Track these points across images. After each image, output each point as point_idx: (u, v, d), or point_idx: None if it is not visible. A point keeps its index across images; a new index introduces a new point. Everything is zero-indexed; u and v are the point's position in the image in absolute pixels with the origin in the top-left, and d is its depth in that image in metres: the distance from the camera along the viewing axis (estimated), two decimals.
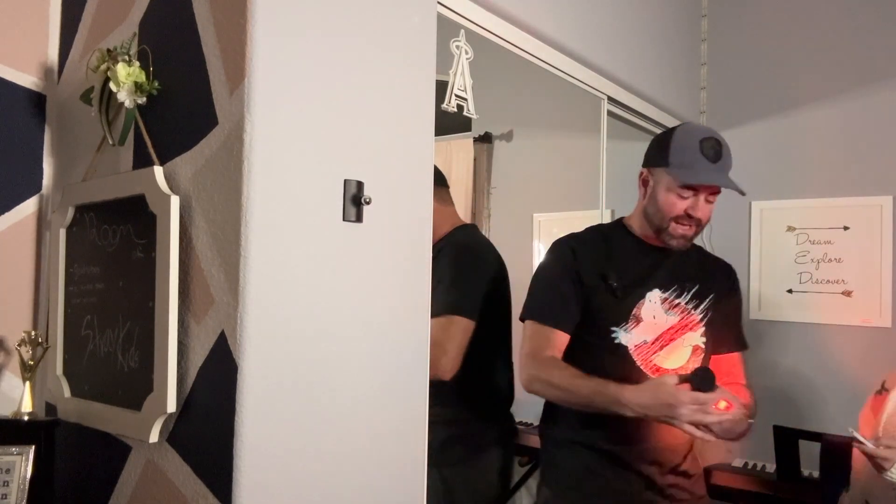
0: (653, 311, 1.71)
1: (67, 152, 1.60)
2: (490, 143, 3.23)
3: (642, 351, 1.69)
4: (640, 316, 1.70)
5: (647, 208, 1.74)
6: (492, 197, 3.24)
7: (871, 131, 2.78)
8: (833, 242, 2.85)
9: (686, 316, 1.72)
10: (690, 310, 1.73)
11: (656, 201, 1.70)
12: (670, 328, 1.70)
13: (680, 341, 1.70)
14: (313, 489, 1.25)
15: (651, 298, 1.71)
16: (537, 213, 3.12)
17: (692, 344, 1.71)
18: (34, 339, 1.46)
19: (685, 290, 1.74)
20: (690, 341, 1.71)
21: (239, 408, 1.14)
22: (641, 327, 1.70)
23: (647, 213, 1.73)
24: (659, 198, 1.70)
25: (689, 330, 1.72)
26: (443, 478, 1.99)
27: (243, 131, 1.16)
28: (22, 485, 1.37)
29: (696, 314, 1.73)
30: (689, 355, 1.70)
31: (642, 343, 1.69)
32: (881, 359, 2.64)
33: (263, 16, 1.17)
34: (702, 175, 1.68)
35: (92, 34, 1.56)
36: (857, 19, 2.84)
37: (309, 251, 1.25)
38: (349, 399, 1.32)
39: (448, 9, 1.69)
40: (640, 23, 2.65)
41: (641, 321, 1.70)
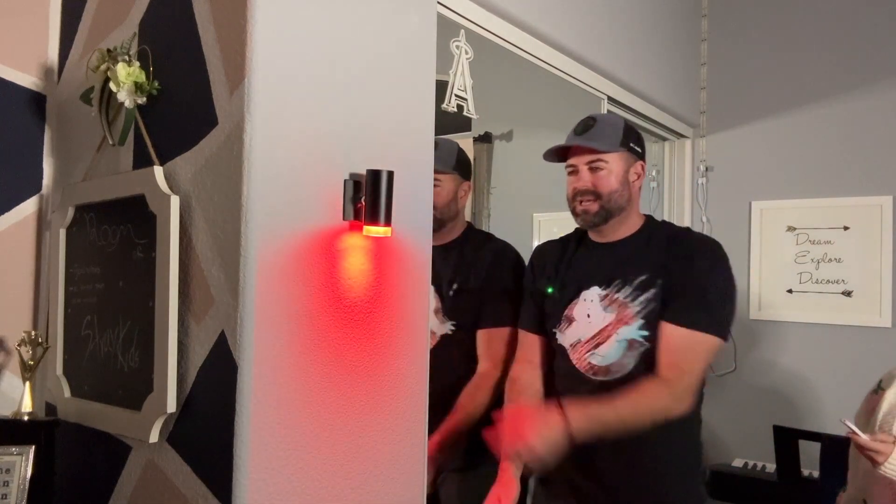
0: (587, 310, 1.72)
1: (67, 152, 1.60)
2: (490, 143, 3.23)
3: (578, 350, 1.72)
4: (571, 316, 1.74)
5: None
6: (492, 197, 3.24)
7: (871, 131, 2.79)
8: (833, 242, 2.86)
9: (622, 310, 1.67)
10: (628, 303, 1.67)
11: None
12: (607, 325, 1.68)
13: (614, 337, 1.67)
14: (313, 489, 1.25)
15: (587, 297, 1.72)
16: (537, 212, 3.12)
17: (627, 338, 1.65)
18: (34, 339, 1.46)
19: (627, 283, 1.68)
20: (625, 335, 1.65)
21: (239, 408, 1.14)
22: (574, 327, 1.73)
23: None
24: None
25: (623, 324, 1.66)
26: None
27: (243, 131, 1.16)
28: (22, 485, 1.37)
29: (633, 307, 1.65)
30: (624, 350, 1.65)
31: (577, 342, 1.72)
32: (881, 359, 2.63)
33: (263, 16, 1.17)
34: (561, 144, 1.76)
35: (92, 34, 1.56)
36: (857, 19, 2.84)
37: (309, 251, 1.25)
38: (349, 398, 1.32)
39: (448, 9, 1.69)
40: (640, 23, 2.66)
41: (574, 321, 1.73)
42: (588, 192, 1.71)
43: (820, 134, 2.89)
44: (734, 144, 3.10)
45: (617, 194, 1.71)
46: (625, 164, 1.73)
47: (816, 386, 2.83)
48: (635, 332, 1.65)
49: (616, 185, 1.71)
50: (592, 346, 1.70)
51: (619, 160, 1.72)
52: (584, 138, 1.71)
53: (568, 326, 1.74)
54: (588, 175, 1.71)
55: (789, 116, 2.96)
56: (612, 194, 1.70)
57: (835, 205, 2.85)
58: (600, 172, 1.70)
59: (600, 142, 1.70)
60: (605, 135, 1.71)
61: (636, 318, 1.66)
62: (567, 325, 1.74)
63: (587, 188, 1.71)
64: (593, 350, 1.70)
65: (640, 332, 1.65)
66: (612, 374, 1.67)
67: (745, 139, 3.07)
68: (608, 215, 1.72)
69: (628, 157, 1.74)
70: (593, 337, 1.70)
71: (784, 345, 2.93)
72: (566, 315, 1.74)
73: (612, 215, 1.72)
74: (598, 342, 1.69)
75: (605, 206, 1.70)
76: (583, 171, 1.72)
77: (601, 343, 1.69)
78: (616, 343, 1.67)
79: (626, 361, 1.66)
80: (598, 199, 1.70)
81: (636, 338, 1.66)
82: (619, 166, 1.72)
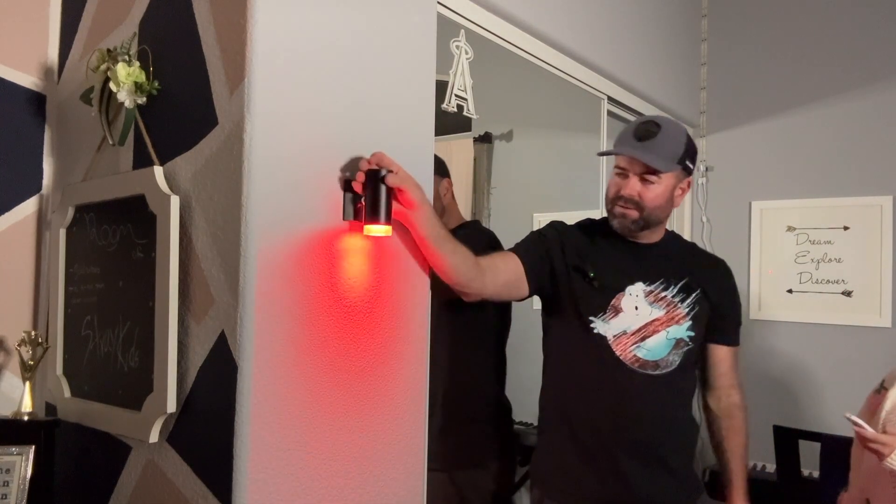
0: (634, 303, 1.70)
1: (67, 152, 1.60)
2: (490, 143, 3.23)
3: (622, 342, 1.69)
4: (619, 307, 1.70)
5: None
6: (492, 197, 3.24)
7: (871, 131, 2.79)
8: (833, 242, 2.86)
9: (672, 309, 1.71)
10: (677, 303, 1.72)
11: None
12: (655, 320, 1.70)
13: (663, 333, 1.69)
14: (313, 489, 1.25)
15: (632, 291, 1.71)
16: (537, 212, 3.12)
17: (676, 337, 1.70)
18: (34, 339, 1.46)
19: (671, 284, 1.73)
20: (675, 334, 1.70)
21: (239, 408, 1.14)
22: (620, 318, 1.70)
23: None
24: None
25: (674, 323, 1.70)
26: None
27: (243, 131, 1.16)
28: (22, 485, 1.37)
29: (683, 308, 1.72)
30: (672, 348, 1.69)
31: (622, 334, 1.69)
32: (881, 359, 2.64)
33: (263, 16, 1.17)
34: (616, 147, 1.71)
35: (92, 34, 1.56)
36: (857, 20, 2.84)
37: (309, 251, 1.25)
38: (349, 398, 1.32)
39: (448, 9, 1.69)
40: (640, 23, 2.66)
41: (621, 312, 1.70)
42: (632, 200, 1.66)
43: (820, 134, 2.89)
44: (734, 144, 3.10)
45: (660, 210, 1.68)
46: (675, 181, 1.68)
47: (816, 386, 2.83)
48: (684, 332, 1.72)
49: (661, 202, 1.67)
50: (639, 339, 1.69)
51: (671, 177, 1.66)
52: (643, 150, 1.64)
53: (614, 316, 1.70)
54: (637, 184, 1.65)
55: (789, 116, 2.96)
56: (656, 209, 1.67)
57: (835, 205, 2.85)
58: (650, 185, 1.64)
59: (659, 157, 1.63)
60: (666, 150, 1.64)
61: (686, 318, 1.72)
62: (613, 315, 1.70)
63: (632, 197, 1.66)
64: (639, 343, 1.69)
65: (688, 333, 1.71)
66: (661, 370, 1.68)
67: (745, 139, 3.07)
68: (645, 226, 1.69)
69: (680, 175, 1.69)
70: (639, 329, 1.69)
71: (784, 345, 2.93)
72: (613, 305, 1.70)
73: (648, 226, 1.70)
74: (645, 335, 1.69)
75: (645, 217, 1.67)
76: (633, 179, 1.65)
77: (648, 337, 1.69)
78: (665, 340, 1.70)
79: (672, 358, 1.69)
80: (640, 210, 1.66)
81: (684, 337, 1.71)
82: (669, 182, 1.67)
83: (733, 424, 1.80)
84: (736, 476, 1.78)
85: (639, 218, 1.67)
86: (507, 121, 3.20)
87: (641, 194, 1.65)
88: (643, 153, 1.63)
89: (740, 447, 1.80)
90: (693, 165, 1.74)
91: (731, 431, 1.80)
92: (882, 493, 1.64)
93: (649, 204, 1.66)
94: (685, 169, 1.70)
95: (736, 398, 1.81)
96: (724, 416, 1.81)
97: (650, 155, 1.63)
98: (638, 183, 1.65)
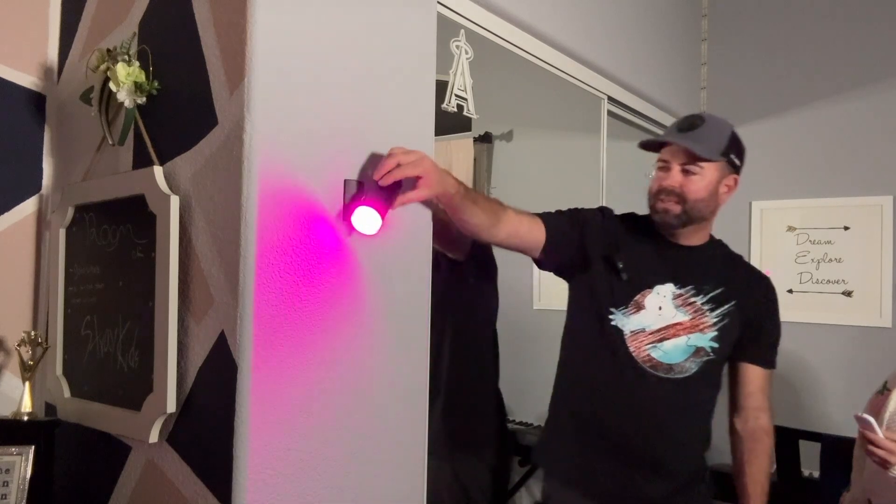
0: (659, 303, 1.66)
1: (67, 152, 1.60)
2: (490, 143, 3.23)
3: (638, 338, 1.65)
4: (642, 303, 1.66)
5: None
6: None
7: (871, 131, 2.79)
8: (833, 242, 2.86)
9: (699, 316, 1.66)
10: (705, 311, 1.66)
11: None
12: (677, 324, 1.65)
13: (684, 339, 1.65)
14: (313, 488, 1.25)
15: (660, 291, 1.67)
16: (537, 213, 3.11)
17: (697, 345, 1.66)
18: (34, 339, 1.46)
19: (703, 292, 1.67)
20: (696, 342, 1.66)
21: (239, 408, 1.14)
22: (641, 315, 1.66)
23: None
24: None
25: (697, 331, 1.65)
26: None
27: (243, 131, 1.16)
28: (22, 485, 1.37)
29: (711, 317, 1.66)
30: (690, 355, 1.65)
31: (640, 330, 1.65)
32: (881, 359, 2.64)
33: (263, 16, 1.17)
34: (661, 136, 1.68)
35: (92, 34, 1.56)
36: (857, 20, 2.84)
37: (309, 250, 1.25)
38: (349, 398, 1.32)
39: (448, 9, 1.69)
40: (640, 23, 2.66)
41: (643, 309, 1.66)
42: (674, 192, 1.62)
43: (820, 134, 2.89)
44: None
45: (703, 203, 1.64)
46: (719, 175, 1.65)
47: (817, 386, 2.83)
48: (707, 342, 1.67)
49: (704, 195, 1.63)
50: (656, 339, 1.65)
51: (715, 169, 1.63)
52: (685, 137, 1.62)
53: (635, 312, 1.66)
54: (679, 176, 1.62)
55: (789, 116, 2.96)
56: (698, 202, 1.63)
57: (835, 205, 2.85)
58: (692, 177, 1.62)
59: (702, 146, 1.61)
60: (709, 139, 1.62)
61: (712, 328, 1.66)
62: (635, 311, 1.66)
63: (674, 189, 1.62)
64: (656, 343, 1.65)
65: (711, 343, 1.66)
66: (674, 374, 1.65)
67: (745, 139, 3.03)
68: (687, 221, 1.65)
69: (725, 168, 1.66)
70: (659, 330, 1.65)
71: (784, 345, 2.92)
72: (636, 300, 1.66)
73: (691, 222, 1.65)
74: (664, 337, 1.65)
75: (687, 211, 1.63)
76: (675, 170, 1.63)
77: (666, 339, 1.65)
78: (685, 346, 1.65)
79: (688, 365, 1.65)
80: (681, 203, 1.62)
81: (706, 347, 1.67)
82: (713, 175, 1.63)
83: (757, 448, 1.74)
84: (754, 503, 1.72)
85: (681, 212, 1.63)
86: (507, 121, 3.20)
87: (683, 186, 1.62)
88: (684, 140, 1.61)
89: (762, 473, 1.74)
90: (740, 162, 1.70)
91: (753, 455, 1.74)
92: (885, 494, 1.63)
93: (691, 196, 1.62)
94: (730, 163, 1.66)
95: (764, 422, 1.74)
96: (748, 439, 1.74)
97: (693, 144, 1.60)
98: (679, 174, 1.62)
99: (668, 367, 1.65)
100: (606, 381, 1.67)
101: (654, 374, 1.64)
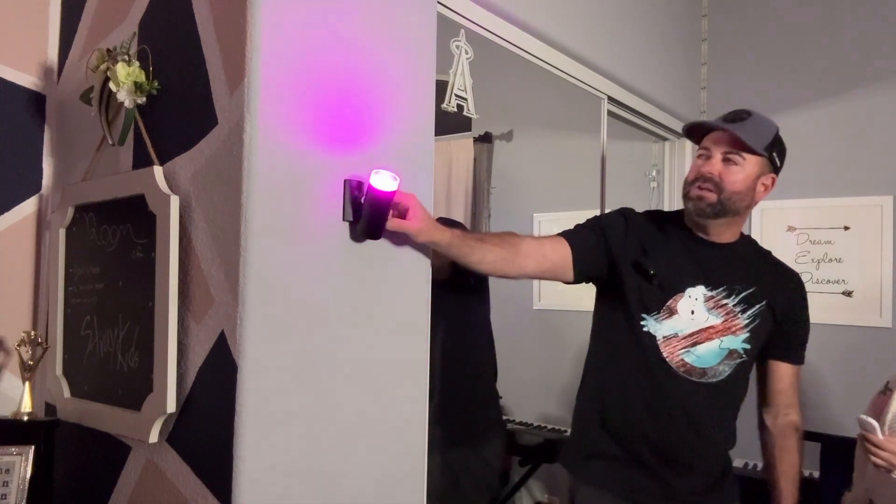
0: (691, 307, 1.63)
1: (67, 152, 1.60)
2: (490, 143, 3.23)
3: (671, 343, 1.63)
4: (674, 308, 1.64)
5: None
6: (492, 197, 3.24)
7: (871, 131, 2.79)
8: (833, 242, 2.86)
9: (730, 319, 1.64)
10: (737, 313, 1.64)
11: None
12: (710, 327, 1.63)
13: (717, 342, 1.63)
14: (313, 489, 1.25)
15: (692, 294, 1.64)
16: (537, 213, 3.12)
17: (730, 348, 1.64)
18: (34, 339, 1.46)
19: (734, 293, 1.65)
20: (728, 345, 1.63)
21: (239, 408, 1.14)
22: (674, 320, 1.63)
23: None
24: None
25: (730, 333, 1.64)
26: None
27: (243, 131, 1.16)
28: (21, 485, 1.37)
29: (742, 319, 1.64)
30: (723, 358, 1.63)
31: (672, 336, 1.63)
32: (881, 359, 2.64)
33: (263, 16, 1.17)
34: (707, 122, 1.66)
35: (92, 34, 1.56)
36: (857, 20, 2.84)
37: (309, 251, 1.25)
38: (349, 398, 1.32)
39: (448, 9, 1.69)
40: (640, 23, 2.65)
41: (675, 314, 1.64)
42: (712, 180, 1.60)
43: (820, 134, 2.89)
44: None
45: (739, 196, 1.61)
46: (759, 170, 1.63)
47: (817, 386, 2.83)
48: (739, 344, 1.65)
49: (741, 187, 1.61)
50: (689, 343, 1.63)
51: (756, 164, 1.62)
52: (733, 125, 1.60)
53: (668, 317, 1.64)
54: (719, 164, 1.60)
55: (789, 116, 2.96)
56: (735, 194, 1.60)
57: (835, 205, 2.85)
58: (733, 167, 1.60)
59: (749, 135, 1.59)
60: (756, 132, 1.61)
61: (744, 330, 1.65)
62: (667, 316, 1.64)
63: (712, 176, 1.60)
64: (689, 348, 1.63)
65: (744, 345, 1.65)
66: (707, 378, 1.64)
67: None
68: (721, 212, 1.62)
69: (765, 165, 1.64)
70: (692, 335, 1.63)
71: None
72: (668, 306, 1.64)
73: (724, 214, 1.62)
74: (697, 341, 1.63)
75: (723, 201, 1.60)
76: (716, 158, 1.61)
77: (699, 343, 1.63)
78: (718, 349, 1.64)
79: (721, 369, 1.64)
80: (718, 192, 1.60)
81: (738, 349, 1.65)
82: (753, 169, 1.62)
83: (787, 445, 1.75)
84: (786, 499, 1.73)
85: (716, 202, 1.60)
86: (507, 121, 3.20)
87: (722, 175, 1.60)
88: (732, 127, 1.60)
89: (793, 468, 1.75)
90: (780, 163, 1.69)
91: (784, 451, 1.75)
92: (887, 495, 1.63)
93: (729, 187, 1.60)
94: (771, 161, 1.65)
95: (794, 418, 1.76)
96: (778, 436, 1.75)
97: (740, 132, 1.59)
98: (720, 163, 1.61)
99: (702, 371, 1.63)
100: (640, 386, 1.65)
101: (689, 379, 1.63)
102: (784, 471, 1.75)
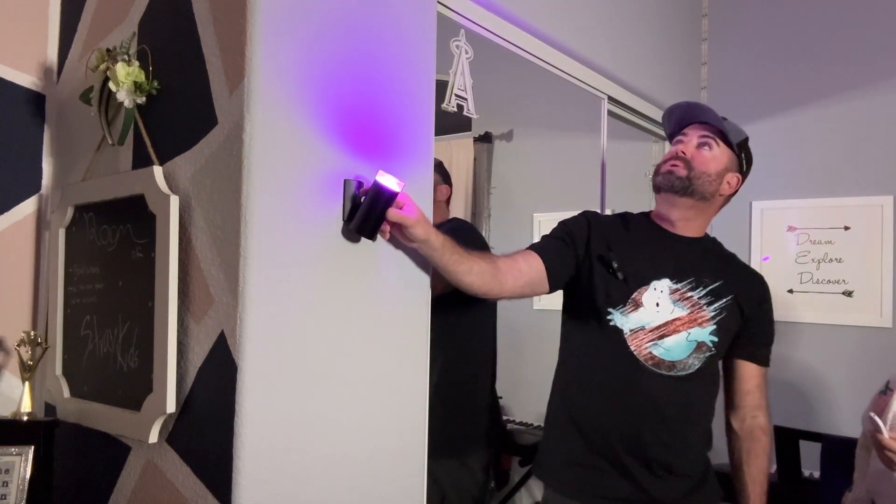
0: (656, 299, 1.65)
1: (67, 152, 1.60)
2: (490, 143, 3.23)
3: (638, 337, 1.64)
4: (639, 301, 1.65)
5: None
6: (492, 197, 3.24)
7: (871, 131, 2.79)
8: (833, 242, 2.86)
9: (697, 310, 1.66)
10: (703, 305, 1.66)
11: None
12: (676, 319, 1.65)
13: (684, 334, 1.64)
14: (313, 489, 1.25)
15: (657, 286, 1.66)
16: (537, 213, 3.12)
17: (698, 340, 1.65)
18: (33, 340, 1.46)
19: (701, 285, 1.67)
20: (696, 336, 1.65)
21: (238, 408, 1.14)
22: (640, 313, 1.65)
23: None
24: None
25: (696, 325, 1.65)
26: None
27: (243, 131, 1.16)
28: (21, 485, 1.37)
29: (708, 311, 1.66)
30: (692, 351, 1.64)
31: (639, 329, 1.64)
32: (881, 359, 2.64)
33: (263, 16, 1.17)
34: (689, 115, 1.75)
35: (91, 34, 1.56)
36: (857, 20, 2.84)
37: (309, 251, 1.25)
38: (349, 398, 1.32)
39: (448, 8, 1.69)
40: (640, 23, 2.65)
41: (641, 306, 1.65)
42: (683, 159, 1.68)
43: (820, 134, 2.89)
44: None
45: (707, 179, 1.68)
46: (728, 164, 1.70)
47: (817, 386, 2.83)
48: (707, 336, 1.67)
49: (711, 172, 1.68)
50: (657, 336, 1.64)
51: (726, 156, 1.70)
52: (711, 117, 1.71)
53: (634, 310, 1.65)
54: (693, 148, 1.69)
55: (789, 116, 2.96)
56: (704, 175, 1.67)
57: (835, 205, 2.85)
58: (705, 151, 1.69)
59: (726, 126, 1.70)
60: (730, 128, 1.71)
61: (710, 322, 1.67)
62: (633, 309, 1.65)
63: (684, 156, 1.68)
64: (656, 341, 1.64)
65: (711, 338, 1.67)
66: (677, 371, 1.64)
67: None
68: (688, 189, 1.68)
69: (733, 162, 1.72)
70: (658, 327, 1.64)
71: (784, 345, 2.93)
72: (634, 298, 1.66)
73: (691, 192, 1.68)
74: (664, 334, 1.64)
75: (691, 178, 1.67)
76: (691, 141, 1.70)
77: (666, 336, 1.64)
78: (686, 342, 1.65)
79: (691, 362, 1.65)
80: (688, 170, 1.67)
81: (707, 342, 1.67)
82: (724, 159, 1.70)
83: (755, 448, 1.74)
84: (753, 503, 1.72)
85: (685, 176, 1.67)
86: (507, 121, 3.20)
87: (694, 157, 1.68)
88: (710, 117, 1.69)
89: (761, 473, 1.73)
90: (746, 168, 1.76)
91: (751, 455, 1.74)
92: (888, 494, 1.63)
93: (699, 166, 1.67)
94: (739, 162, 1.72)
95: (761, 420, 1.75)
96: (745, 438, 1.74)
97: (717, 123, 1.69)
98: (693, 147, 1.69)
99: (671, 364, 1.64)
100: (609, 382, 1.65)
101: (657, 373, 1.63)
102: (751, 475, 1.73)
